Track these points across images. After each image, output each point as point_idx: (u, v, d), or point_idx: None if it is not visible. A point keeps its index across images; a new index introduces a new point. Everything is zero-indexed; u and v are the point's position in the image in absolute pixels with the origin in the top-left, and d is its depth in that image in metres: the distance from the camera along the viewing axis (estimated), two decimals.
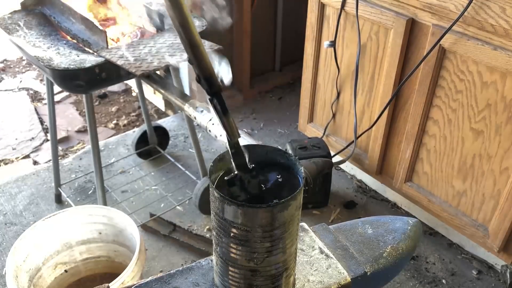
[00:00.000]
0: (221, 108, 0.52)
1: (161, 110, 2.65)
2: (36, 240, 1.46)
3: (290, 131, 2.47)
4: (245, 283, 0.58)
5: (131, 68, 1.35)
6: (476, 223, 1.59)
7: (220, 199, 0.53)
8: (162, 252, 1.79)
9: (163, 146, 2.26)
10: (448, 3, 1.40)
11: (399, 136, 1.75)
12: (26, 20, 1.62)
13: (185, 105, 1.35)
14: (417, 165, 1.72)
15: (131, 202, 2.00)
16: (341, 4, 1.72)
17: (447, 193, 1.66)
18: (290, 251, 0.58)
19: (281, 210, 0.53)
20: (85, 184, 2.10)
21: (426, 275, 1.72)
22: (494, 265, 1.74)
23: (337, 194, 2.07)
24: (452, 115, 1.53)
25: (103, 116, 2.64)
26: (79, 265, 1.60)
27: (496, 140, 1.44)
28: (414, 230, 0.75)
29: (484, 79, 1.41)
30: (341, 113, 1.94)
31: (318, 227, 0.74)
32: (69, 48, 1.49)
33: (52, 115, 1.79)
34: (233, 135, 0.54)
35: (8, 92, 2.85)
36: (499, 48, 1.33)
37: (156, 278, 0.64)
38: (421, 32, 1.53)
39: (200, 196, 1.89)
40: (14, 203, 2.00)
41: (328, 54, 1.88)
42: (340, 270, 0.66)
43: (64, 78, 1.42)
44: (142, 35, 1.58)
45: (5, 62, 3.14)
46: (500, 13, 1.28)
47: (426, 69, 1.53)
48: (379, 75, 1.71)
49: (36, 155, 2.34)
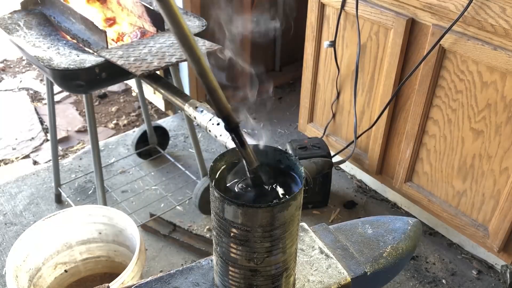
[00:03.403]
0: (239, 141, 0.55)
1: (161, 110, 2.65)
2: (36, 240, 1.46)
3: (290, 131, 2.47)
4: (245, 283, 0.58)
5: (131, 68, 1.35)
6: (476, 223, 1.59)
7: (220, 199, 0.53)
8: (162, 252, 1.79)
9: (163, 146, 2.26)
10: (448, 3, 1.40)
11: (399, 136, 1.75)
12: (26, 20, 1.62)
13: (185, 105, 1.34)
14: (417, 165, 1.72)
15: (131, 202, 2.00)
16: (341, 4, 1.72)
17: (447, 193, 1.66)
18: (290, 251, 0.58)
19: (281, 210, 0.53)
20: (85, 184, 2.10)
21: (426, 275, 1.72)
22: (494, 265, 1.74)
23: (337, 194, 2.07)
24: (452, 115, 1.53)
25: (103, 116, 2.64)
26: (79, 265, 1.60)
27: (496, 140, 1.44)
28: (414, 230, 0.75)
29: (484, 79, 1.41)
30: (341, 113, 1.94)
31: (318, 227, 0.74)
32: (69, 48, 1.49)
33: (52, 115, 1.79)
34: (251, 163, 0.57)
35: (8, 92, 2.84)
36: (499, 48, 1.33)
37: (156, 278, 0.64)
38: (421, 32, 1.53)
39: (200, 196, 1.89)
40: (14, 203, 2.00)
41: (328, 54, 1.88)
42: (340, 270, 0.66)
43: (64, 78, 1.41)
44: (142, 35, 1.58)
45: (5, 62, 3.14)
46: (500, 13, 1.28)
47: (426, 69, 1.53)
48: (379, 75, 1.71)
49: (36, 155, 2.34)
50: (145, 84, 2.01)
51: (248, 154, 0.57)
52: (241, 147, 0.56)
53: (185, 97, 1.38)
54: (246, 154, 0.57)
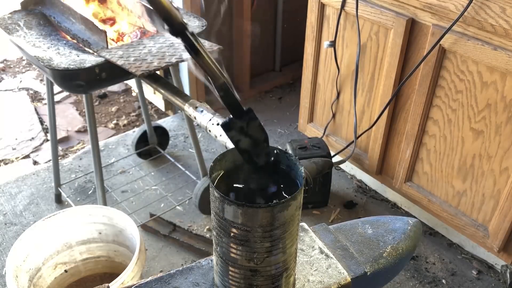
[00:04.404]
0: (191, 48, 0.47)
1: (161, 110, 2.65)
2: (36, 240, 1.46)
3: (290, 131, 2.47)
4: (245, 283, 0.58)
5: (131, 68, 1.35)
6: (476, 223, 1.59)
7: (220, 199, 0.53)
8: (162, 252, 1.79)
9: (163, 146, 2.26)
10: (448, 3, 1.40)
11: (399, 136, 1.75)
12: (26, 20, 1.62)
13: (185, 105, 1.34)
14: (417, 165, 1.72)
15: (131, 202, 2.00)
16: (341, 4, 1.72)
17: (447, 193, 1.66)
18: (290, 251, 0.58)
19: (281, 210, 0.53)
20: (85, 184, 2.10)
21: (426, 275, 1.72)
22: (494, 265, 1.74)
23: (337, 194, 2.07)
24: (452, 115, 1.53)
25: (103, 116, 2.64)
26: (79, 265, 1.60)
27: (496, 140, 1.44)
28: (414, 230, 0.75)
29: (484, 79, 1.41)
30: (341, 113, 1.94)
31: (318, 227, 0.74)
32: (69, 48, 1.49)
33: (52, 115, 1.79)
34: (215, 77, 0.48)
35: (8, 92, 2.84)
36: (499, 48, 1.33)
37: (156, 278, 0.64)
38: (421, 32, 1.53)
39: (200, 196, 1.89)
40: (14, 203, 2.00)
41: (328, 54, 1.88)
42: (340, 270, 0.66)
43: (64, 78, 1.41)
44: (142, 35, 1.58)
45: (5, 62, 3.14)
46: (500, 13, 1.28)
47: (426, 69, 1.53)
48: (379, 75, 1.71)
49: (36, 155, 2.34)
50: (145, 84, 2.01)
51: (208, 66, 0.48)
52: (196, 55, 0.47)
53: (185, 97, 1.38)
54: (206, 65, 0.48)
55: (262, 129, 0.54)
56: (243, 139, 0.53)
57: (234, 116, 0.52)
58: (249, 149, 0.54)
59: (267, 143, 0.55)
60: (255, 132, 0.53)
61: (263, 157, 0.55)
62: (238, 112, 0.52)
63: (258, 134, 0.54)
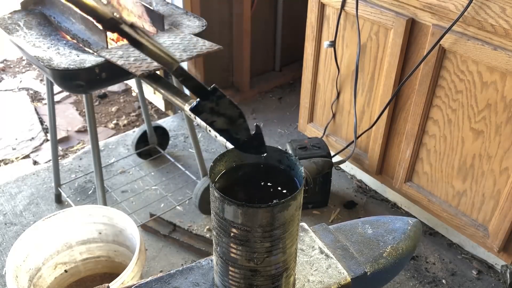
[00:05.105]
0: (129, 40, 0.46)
1: (161, 110, 2.65)
2: (36, 240, 1.46)
3: (290, 131, 2.47)
4: (245, 283, 0.58)
5: (131, 68, 1.35)
6: (476, 223, 1.59)
7: (220, 199, 0.53)
8: (162, 252, 1.79)
9: (163, 146, 2.26)
10: (448, 3, 1.40)
11: (399, 136, 1.75)
12: (26, 20, 1.62)
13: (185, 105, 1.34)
14: (417, 165, 1.72)
15: (131, 202, 2.00)
16: (341, 4, 1.72)
17: (447, 193, 1.66)
18: (290, 251, 0.58)
19: (281, 210, 0.53)
20: (85, 184, 2.10)
21: (426, 275, 1.72)
22: (494, 265, 1.74)
23: (337, 194, 2.07)
24: (452, 115, 1.53)
25: (103, 116, 2.64)
26: (79, 265, 1.60)
27: (496, 140, 1.44)
28: (414, 230, 0.75)
29: (484, 79, 1.41)
30: (341, 113, 1.94)
31: (318, 227, 0.74)
32: (69, 48, 1.48)
33: (52, 115, 1.79)
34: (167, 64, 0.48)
35: (8, 92, 2.84)
36: (499, 48, 1.33)
37: (156, 278, 0.64)
38: (421, 32, 1.53)
39: (200, 196, 1.89)
40: (14, 203, 2.00)
41: (328, 54, 1.88)
42: (340, 270, 0.66)
43: (64, 78, 1.41)
44: None
45: (5, 62, 3.14)
46: (500, 13, 1.28)
47: (426, 69, 1.53)
48: (379, 75, 1.71)
49: (36, 155, 2.34)
50: (145, 84, 2.01)
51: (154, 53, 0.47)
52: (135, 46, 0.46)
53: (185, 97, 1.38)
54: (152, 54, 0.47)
55: (234, 105, 0.53)
56: (217, 119, 0.53)
57: (201, 98, 0.52)
58: (226, 127, 0.54)
59: (243, 118, 0.54)
60: (227, 109, 0.53)
61: (243, 132, 0.55)
62: (203, 93, 0.52)
63: (230, 111, 0.53)
